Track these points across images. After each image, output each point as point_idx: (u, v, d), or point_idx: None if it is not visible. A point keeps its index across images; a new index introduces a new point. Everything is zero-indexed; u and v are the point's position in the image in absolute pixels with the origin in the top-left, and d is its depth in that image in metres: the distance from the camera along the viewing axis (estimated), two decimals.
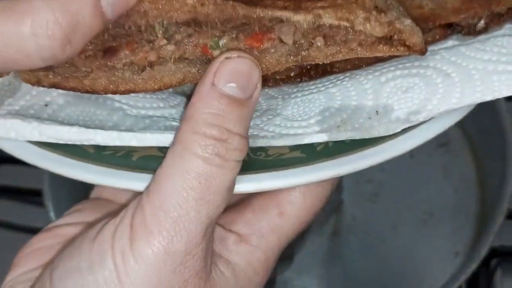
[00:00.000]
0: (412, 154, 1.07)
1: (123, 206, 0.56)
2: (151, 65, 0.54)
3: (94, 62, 0.54)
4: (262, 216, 0.54)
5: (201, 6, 0.50)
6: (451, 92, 0.52)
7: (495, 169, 0.97)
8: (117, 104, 0.55)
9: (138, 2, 0.49)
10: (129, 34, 0.54)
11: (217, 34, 0.54)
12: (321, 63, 0.58)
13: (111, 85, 0.54)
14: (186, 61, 0.54)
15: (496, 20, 0.63)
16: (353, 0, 0.51)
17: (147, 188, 0.46)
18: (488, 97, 0.51)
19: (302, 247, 1.01)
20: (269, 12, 0.51)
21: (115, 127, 0.53)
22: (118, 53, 0.54)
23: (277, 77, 0.62)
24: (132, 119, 0.54)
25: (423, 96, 0.52)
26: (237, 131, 0.45)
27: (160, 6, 0.49)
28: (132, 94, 0.57)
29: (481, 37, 0.59)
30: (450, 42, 0.62)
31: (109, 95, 0.56)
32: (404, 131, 0.52)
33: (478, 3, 0.62)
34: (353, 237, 1.02)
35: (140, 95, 0.57)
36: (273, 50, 0.53)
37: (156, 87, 0.55)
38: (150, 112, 0.56)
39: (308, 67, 0.61)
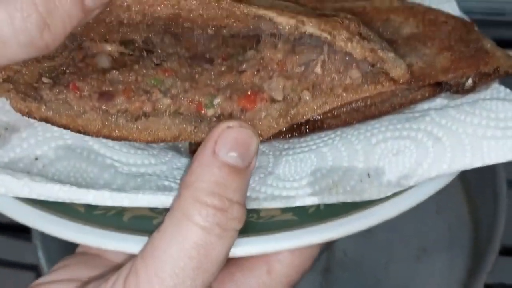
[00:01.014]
0: None
1: (111, 263, 0.56)
2: (146, 115, 0.55)
3: (88, 103, 0.55)
4: (250, 275, 0.54)
5: (185, 0, 0.50)
6: (441, 157, 0.52)
7: (488, 207, 0.97)
8: (108, 161, 0.55)
9: None
10: (126, 81, 0.55)
11: (212, 92, 0.55)
12: (311, 119, 0.60)
13: (104, 129, 0.54)
14: (181, 116, 0.55)
15: (483, 80, 0.64)
16: (338, 21, 0.52)
17: (142, 252, 0.46)
18: (478, 163, 0.52)
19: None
20: (253, 10, 0.51)
21: (106, 185, 0.53)
22: (114, 98, 0.54)
23: None
24: (124, 177, 0.54)
25: (413, 160, 0.53)
26: (236, 199, 0.45)
27: (143, 0, 0.49)
28: (124, 150, 0.57)
29: (470, 98, 0.61)
30: (438, 100, 0.63)
31: (101, 151, 0.56)
32: (395, 194, 0.52)
33: (466, 63, 0.64)
34: (345, 273, 1.02)
35: (132, 151, 0.57)
36: (264, 114, 0.54)
37: (149, 139, 0.55)
38: (142, 170, 0.56)
39: (299, 123, 0.62)
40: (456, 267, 1.00)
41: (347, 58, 0.54)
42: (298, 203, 0.52)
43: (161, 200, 0.52)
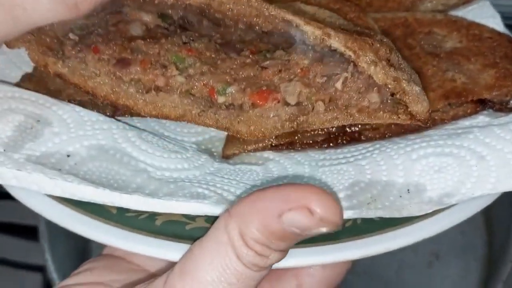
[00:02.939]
0: None
1: (137, 267, 0.55)
2: (157, 89, 0.54)
3: (105, 66, 0.55)
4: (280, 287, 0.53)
5: None
6: (486, 176, 0.51)
7: (502, 212, 0.94)
8: (141, 165, 0.54)
9: None
10: (147, 53, 0.54)
11: (228, 80, 0.54)
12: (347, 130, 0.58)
13: (112, 95, 0.54)
14: (191, 98, 0.54)
15: None
16: (369, 43, 0.50)
17: (181, 266, 0.45)
18: None
19: None
20: (281, 13, 0.50)
21: (139, 190, 0.52)
22: (129, 67, 0.54)
23: (304, 141, 0.61)
24: (157, 183, 0.53)
25: (456, 178, 0.51)
26: (279, 249, 0.44)
27: None
28: (157, 154, 0.56)
29: None
30: (481, 118, 0.61)
31: (134, 154, 0.55)
32: (434, 212, 0.50)
33: (511, 81, 0.62)
34: (356, 278, 0.99)
35: (165, 154, 0.56)
36: (272, 114, 0.53)
37: (153, 113, 0.54)
38: (175, 175, 0.55)
39: (336, 133, 0.61)
40: (469, 274, 0.97)
41: (370, 81, 0.52)
42: None
43: (194, 207, 0.51)
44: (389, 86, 0.50)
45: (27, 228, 1.06)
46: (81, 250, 0.97)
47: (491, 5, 0.75)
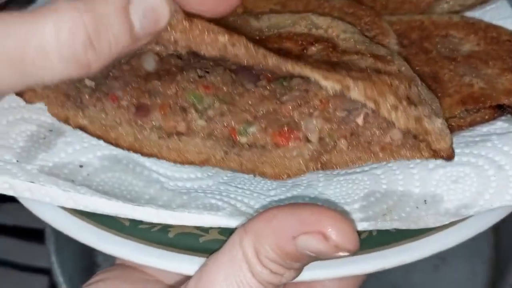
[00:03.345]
0: None
1: (150, 278, 0.55)
2: (179, 134, 0.54)
3: (125, 115, 0.54)
4: None
5: (232, 46, 0.48)
6: (505, 187, 0.50)
7: (509, 215, 0.94)
8: (154, 175, 0.54)
9: (170, 29, 0.46)
10: (165, 94, 0.53)
11: (248, 119, 0.53)
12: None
13: (136, 144, 0.54)
14: (213, 139, 0.53)
15: None
16: (388, 83, 0.49)
17: (196, 281, 0.44)
18: None
19: None
20: (299, 69, 0.49)
21: (152, 201, 0.51)
22: (150, 114, 0.54)
23: None
24: (170, 194, 0.52)
25: (474, 189, 0.50)
26: (297, 267, 0.44)
27: (191, 38, 0.47)
28: (169, 163, 0.55)
29: None
30: (499, 124, 0.60)
31: (147, 164, 0.55)
32: (451, 223, 0.49)
33: None
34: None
35: (178, 164, 0.55)
36: (295, 153, 0.52)
37: (178, 160, 0.54)
38: (188, 185, 0.54)
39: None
40: (476, 277, 0.96)
41: None
42: None
43: (208, 219, 0.50)
44: (411, 130, 0.49)
45: (33, 231, 1.05)
46: (87, 253, 0.97)
47: (508, 4, 0.74)
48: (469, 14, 0.74)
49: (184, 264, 0.48)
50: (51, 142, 0.55)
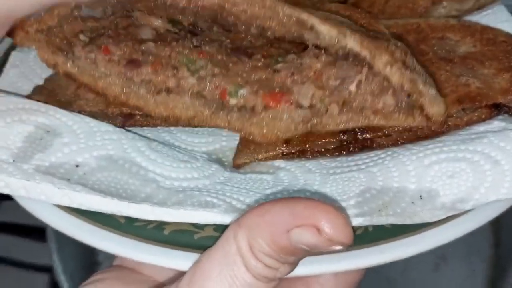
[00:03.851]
0: None
1: (148, 278, 0.55)
2: (168, 90, 0.54)
3: (115, 67, 0.55)
4: None
5: None
6: (500, 181, 0.49)
7: (509, 214, 0.93)
8: (150, 175, 0.54)
9: None
10: (158, 54, 0.54)
11: (240, 82, 0.53)
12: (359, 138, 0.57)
13: (122, 95, 0.54)
14: (203, 99, 0.53)
15: None
16: (384, 45, 0.49)
17: (190, 276, 0.45)
18: None
19: None
20: (296, 13, 0.49)
21: (147, 199, 0.51)
22: (140, 68, 0.54)
23: (316, 150, 0.60)
24: (165, 192, 0.52)
25: (470, 184, 0.50)
26: (292, 261, 0.44)
27: None
28: (166, 163, 0.55)
29: None
30: (496, 123, 0.60)
31: (143, 164, 0.55)
32: (448, 218, 0.49)
33: None
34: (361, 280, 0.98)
35: (174, 164, 0.56)
36: (286, 116, 0.52)
37: (164, 114, 0.54)
38: (184, 184, 0.54)
39: (348, 141, 0.60)
40: (476, 276, 0.95)
41: (385, 84, 0.52)
42: None
43: (203, 216, 0.50)
44: (405, 87, 0.49)
45: (35, 229, 1.05)
46: (89, 252, 0.96)
47: (506, 9, 0.74)
48: (467, 18, 0.74)
49: (179, 260, 0.48)
50: (47, 142, 0.55)
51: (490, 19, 0.72)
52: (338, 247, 0.41)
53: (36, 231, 1.03)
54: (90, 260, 0.88)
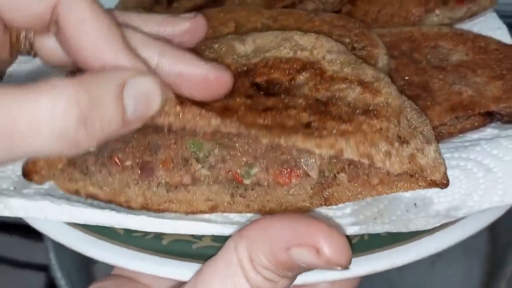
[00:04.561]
0: None
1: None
2: (186, 186, 0.54)
3: (131, 176, 0.54)
4: None
5: (225, 126, 0.49)
6: (493, 188, 0.50)
7: (505, 211, 0.94)
8: None
9: (163, 114, 0.47)
10: (165, 144, 0.54)
11: (248, 162, 0.53)
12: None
13: (146, 203, 0.53)
14: (218, 185, 0.54)
15: None
16: (377, 128, 0.50)
17: (191, 285, 0.45)
18: None
19: None
20: (291, 142, 0.49)
21: (145, 211, 0.52)
22: (154, 172, 0.54)
23: None
24: None
25: (463, 191, 0.51)
26: (291, 276, 0.44)
27: (184, 121, 0.48)
28: None
29: None
30: (489, 130, 0.61)
31: None
32: (443, 225, 0.50)
33: None
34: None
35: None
36: (298, 190, 0.53)
37: (189, 210, 0.54)
38: None
39: None
40: (472, 273, 0.94)
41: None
42: None
43: (202, 227, 0.51)
44: (408, 171, 0.50)
45: (31, 228, 1.06)
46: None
47: (497, 16, 0.76)
48: (459, 26, 0.75)
49: (178, 269, 0.48)
50: None
51: (482, 27, 0.74)
52: (337, 268, 0.42)
53: (33, 230, 1.03)
54: (86, 258, 0.88)
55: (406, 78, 0.64)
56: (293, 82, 0.54)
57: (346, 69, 0.54)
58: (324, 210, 0.53)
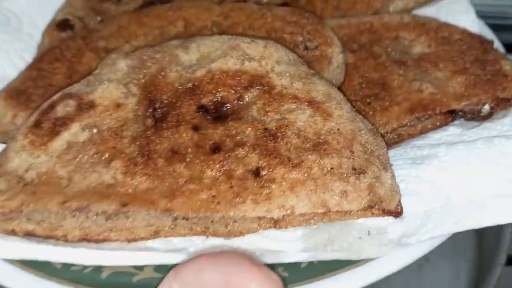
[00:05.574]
0: None
1: None
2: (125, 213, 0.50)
3: (65, 210, 0.50)
4: None
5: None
6: (448, 217, 0.48)
7: None
8: None
9: None
10: None
11: None
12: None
13: (85, 234, 0.50)
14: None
15: (502, 105, 0.58)
16: (328, 169, 0.47)
17: None
18: (488, 223, 0.48)
19: None
20: (241, 215, 0.48)
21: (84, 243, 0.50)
22: (89, 207, 0.49)
23: None
24: None
25: (419, 221, 0.48)
26: None
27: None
28: None
29: (485, 129, 0.55)
30: (451, 129, 0.58)
31: None
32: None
33: (482, 88, 0.58)
34: None
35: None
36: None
37: (130, 238, 0.50)
38: None
39: None
40: (459, 277, 0.94)
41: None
42: (288, 259, 0.48)
43: (143, 257, 0.48)
44: (369, 206, 0.48)
45: None
46: None
47: None
48: (425, 10, 0.71)
49: None
50: None
51: (449, 10, 0.70)
52: None
53: None
54: None
55: (365, 75, 0.61)
56: (241, 102, 0.51)
57: (296, 84, 0.51)
58: (274, 232, 0.50)
